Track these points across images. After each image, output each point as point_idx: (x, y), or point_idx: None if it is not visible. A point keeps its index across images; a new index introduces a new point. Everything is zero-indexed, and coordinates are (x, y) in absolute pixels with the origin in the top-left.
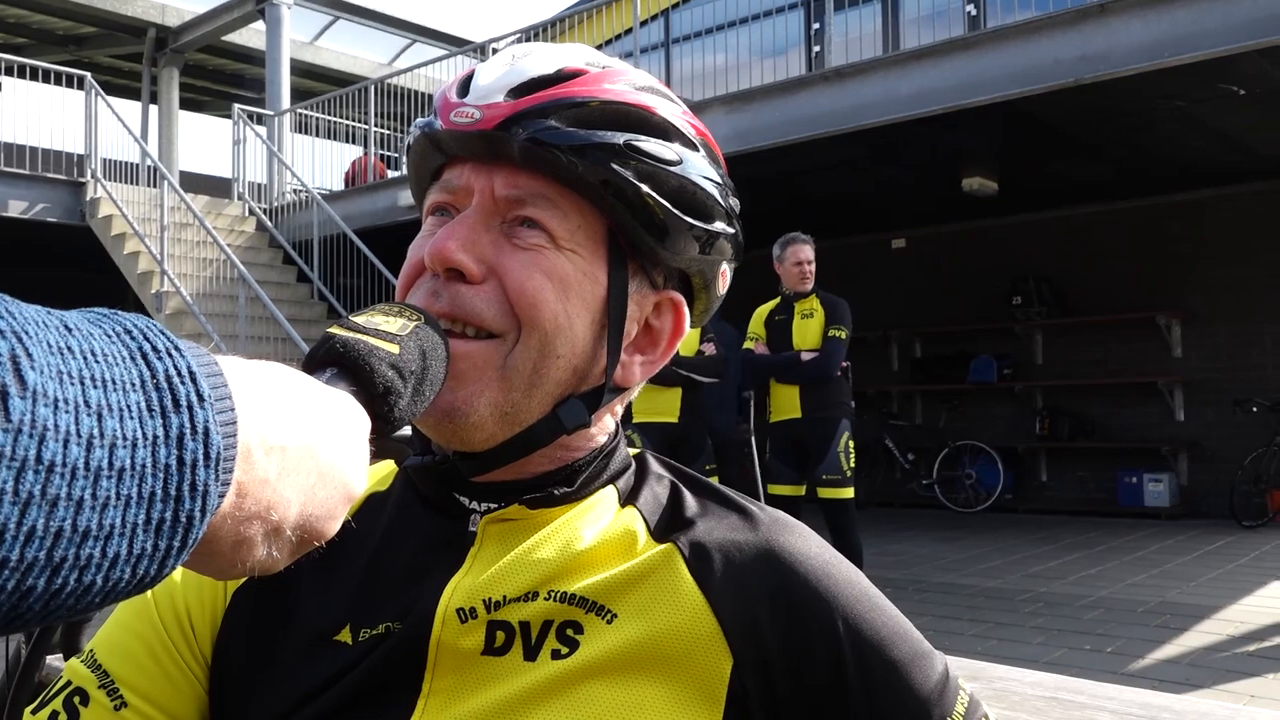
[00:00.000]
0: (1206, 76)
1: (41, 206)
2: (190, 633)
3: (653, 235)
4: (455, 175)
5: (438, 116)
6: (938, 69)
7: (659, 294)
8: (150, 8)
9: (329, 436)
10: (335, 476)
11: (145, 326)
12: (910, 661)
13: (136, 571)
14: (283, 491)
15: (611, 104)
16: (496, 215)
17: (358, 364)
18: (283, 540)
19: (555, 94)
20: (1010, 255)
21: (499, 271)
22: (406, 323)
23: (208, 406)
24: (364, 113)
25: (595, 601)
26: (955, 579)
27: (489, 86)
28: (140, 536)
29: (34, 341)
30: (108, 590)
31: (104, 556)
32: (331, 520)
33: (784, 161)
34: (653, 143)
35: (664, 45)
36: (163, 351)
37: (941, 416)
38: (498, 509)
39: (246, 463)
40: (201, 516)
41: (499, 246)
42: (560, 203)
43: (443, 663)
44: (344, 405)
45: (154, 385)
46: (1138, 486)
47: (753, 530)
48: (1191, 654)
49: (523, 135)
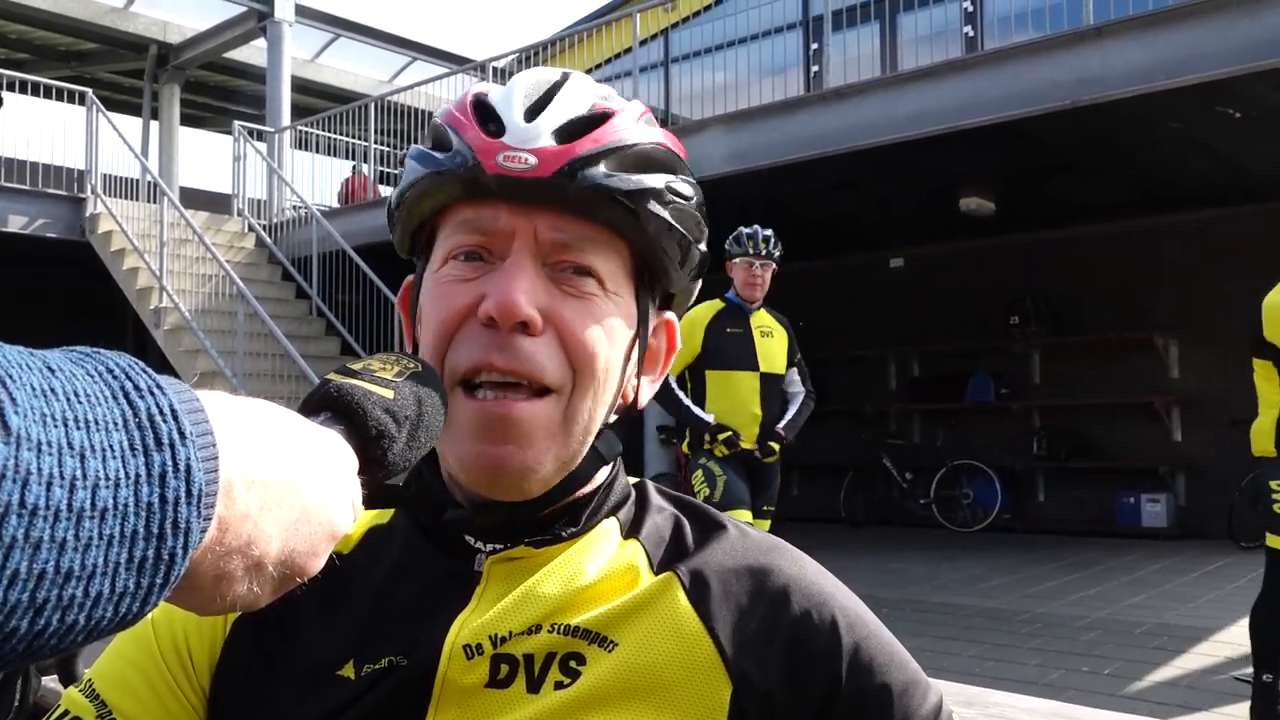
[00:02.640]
0: (1203, 99)
1: (42, 222)
2: (189, 663)
3: (676, 268)
4: (488, 217)
5: (475, 157)
6: (936, 90)
7: (658, 316)
8: (152, 24)
9: (313, 472)
10: (319, 513)
11: (128, 366)
12: (904, 690)
13: (119, 610)
14: (264, 526)
15: (645, 147)
16: (539, 259)
17: (351, 408)
18: (264, 576)
19: (604, 140)
20: (1008, 275)
21: (555, 321)
22: (403, 369)
23: (190, 443)
24: (364, 130)
25: (597, 633)
26: (952, 599)
27: (531, 128)
28: (123, 575)
29: (17, 385)
30: (90, 629)
31: (87, 596)
32: (314, 557)
33: (782, 181)
34: (682, 182)
35: (663, 65)
36: (145, 390)
37: (939, 436)
38: (503, 549)
39: (228, 497)
40: (184, 553)
41: (551, 294)
42: (603, 245)
43: (446, 698)
44: (329, 442)
45: (136, 424)
46: (1135, 506)
47: (750, 556)
48: (1189, 676)
49: (585, 183)
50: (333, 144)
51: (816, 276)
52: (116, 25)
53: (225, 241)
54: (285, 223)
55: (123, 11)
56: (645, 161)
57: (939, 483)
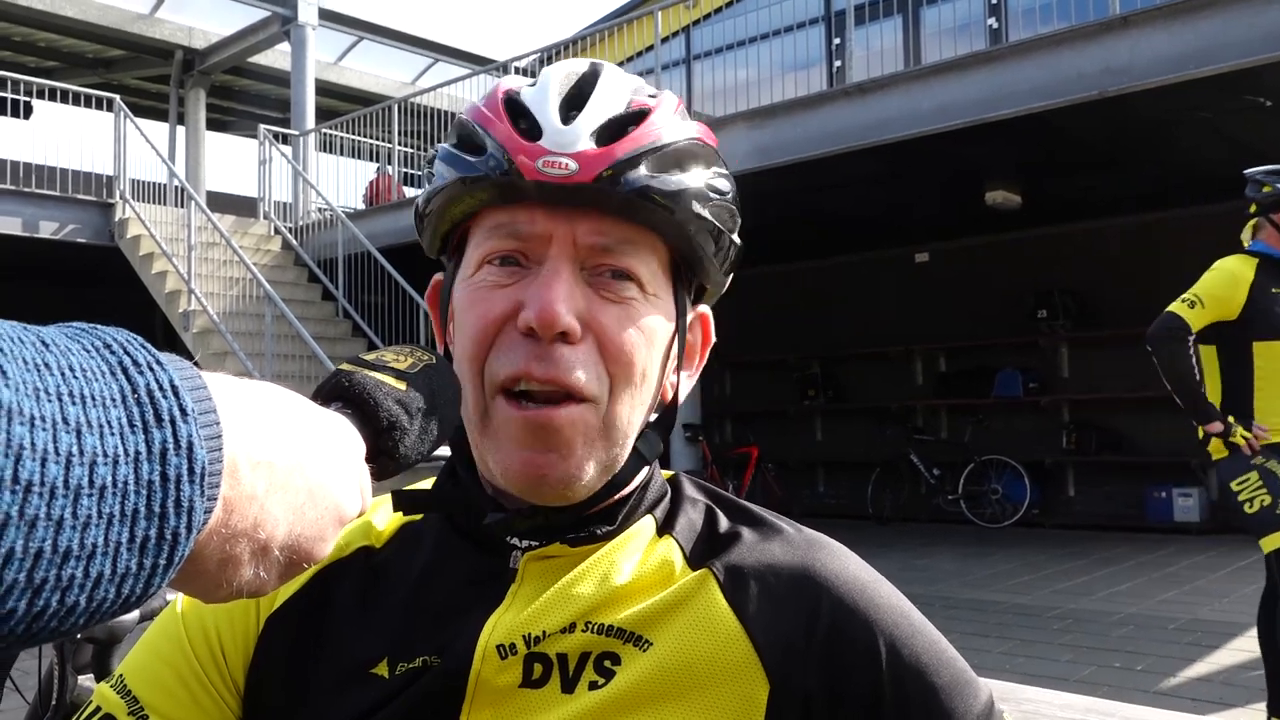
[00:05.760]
0: (1231, 88)
1: (71, 227)
2: (222, 660)
3: (713, 263)
4: (524, 221)
5: (510, 162)
6: (960, 83)
7: (693, 310)
8: (177, 30)
9: (320, 455)
10: (326, 496)
11: (125, 341)
12: (951, 689)
13: (121, 591)
14: (271, 509)
15: (683, 144)
16: (577, 263)
17: (363, 398)
18: (270, 560)
19: (644, 140)
20: (1035, 268)
21: (594, 328)
22: (416, 362)
23: (191, 421)
24: (388, 132)
25: (632, 632)
26: (982, 595)
27: (569, 131)
28: (124, 555)
29: (9, 358)
30: (92, 611)
31: (87, 577)
32: (322, 542)
33: (806, 177)
34: (719, 177)
35: (685, 62)
36: (144, 366)
37: (967, 431)
38: (539, 546)
39: (233, 478)
40: (188, 533)
41: (590, 299)
42: (643, 247)
43: (480, 698)
44: (337, 426)
45: (135, 400)
46: (1167, 501)
47: (788, 551)
48: (1224, 672)
49: (627, 188)
50: (357, 146)
51: (842, 272)
52: (143, 31)
53: (252, 244)
54: (311, 225)
55: (148, 18)
56: (684, 159)
57: (967, 478)
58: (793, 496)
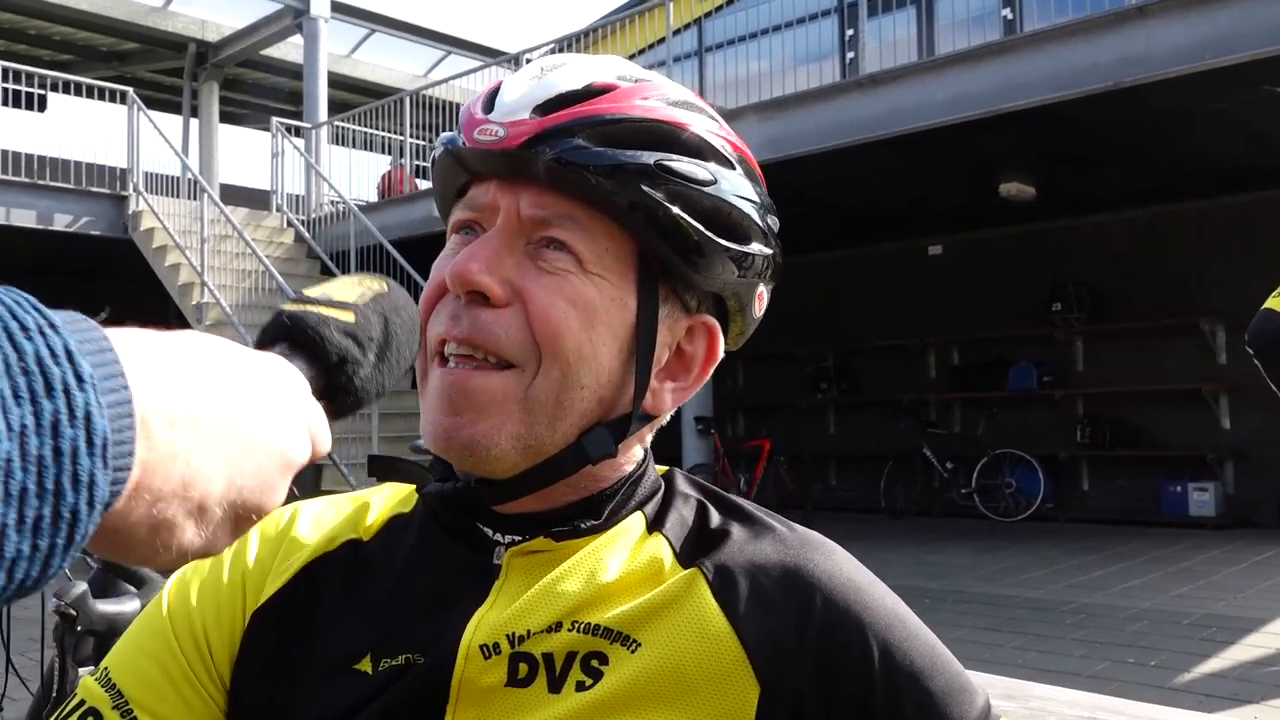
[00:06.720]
0: (1249, 78)
1: (86, 220)
2: (208, 655)
3: (685, 259)
4: (480, 193)
5: (462, 133)
6: (974, 74)
7: (691, 318)
8: (191, 23)
9: (252, 402)
10: (265, 444)
11: (13, 303)
12: (946, 694)
13: (14, 575)
14: (200, 466)
15: (642, 121)
16: (522, 236)
17: (307, 334)
18: (211, 518)
19: (583, 111)
20: (1049, 261)
21: (522, 295)
22: (366, 291)
23: (88, 388)
24: (400, 124)
25: (620, 631)
26: (995, 589)
27: (515, 102)
28: (12, 538)
29: None
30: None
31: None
32: (270, 491)
33: (818, 169)
34: (685, 162)
35: (697, 54)
36: (33, 330)
37: (980, 424)
38: (522, 541)
39: (148, 439)
40: (90, 509)
41: (523, 268)
42: (588, 225)
43: (465, 698)
44: (271, 367)
45: (21, 369)
46: (1182, 496)
47: (780, 550)
48: (1239, 668)
49: (549, 155)
50: (369, 139)
51: (854, 264)
52: (156, 25)
53: (264, 237)
54: (323, 217)
55: (162, 11)
56: (640, 137)
57: (980, 472)
58: (805, 490)
